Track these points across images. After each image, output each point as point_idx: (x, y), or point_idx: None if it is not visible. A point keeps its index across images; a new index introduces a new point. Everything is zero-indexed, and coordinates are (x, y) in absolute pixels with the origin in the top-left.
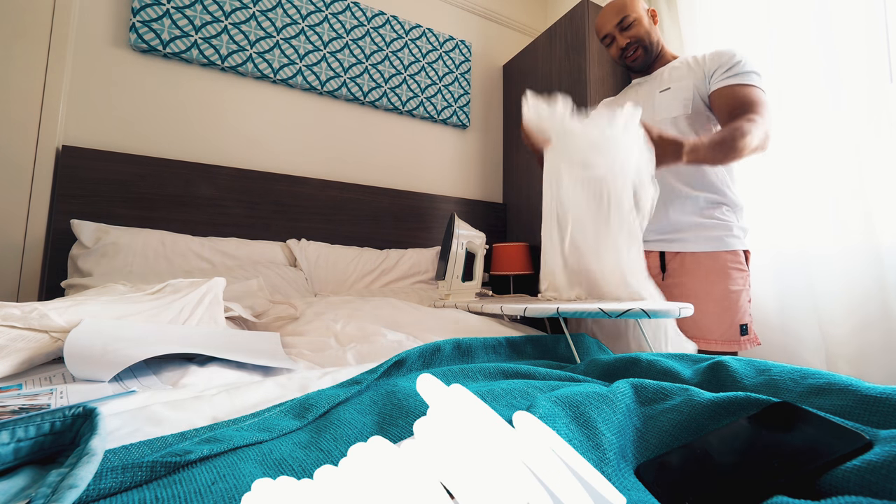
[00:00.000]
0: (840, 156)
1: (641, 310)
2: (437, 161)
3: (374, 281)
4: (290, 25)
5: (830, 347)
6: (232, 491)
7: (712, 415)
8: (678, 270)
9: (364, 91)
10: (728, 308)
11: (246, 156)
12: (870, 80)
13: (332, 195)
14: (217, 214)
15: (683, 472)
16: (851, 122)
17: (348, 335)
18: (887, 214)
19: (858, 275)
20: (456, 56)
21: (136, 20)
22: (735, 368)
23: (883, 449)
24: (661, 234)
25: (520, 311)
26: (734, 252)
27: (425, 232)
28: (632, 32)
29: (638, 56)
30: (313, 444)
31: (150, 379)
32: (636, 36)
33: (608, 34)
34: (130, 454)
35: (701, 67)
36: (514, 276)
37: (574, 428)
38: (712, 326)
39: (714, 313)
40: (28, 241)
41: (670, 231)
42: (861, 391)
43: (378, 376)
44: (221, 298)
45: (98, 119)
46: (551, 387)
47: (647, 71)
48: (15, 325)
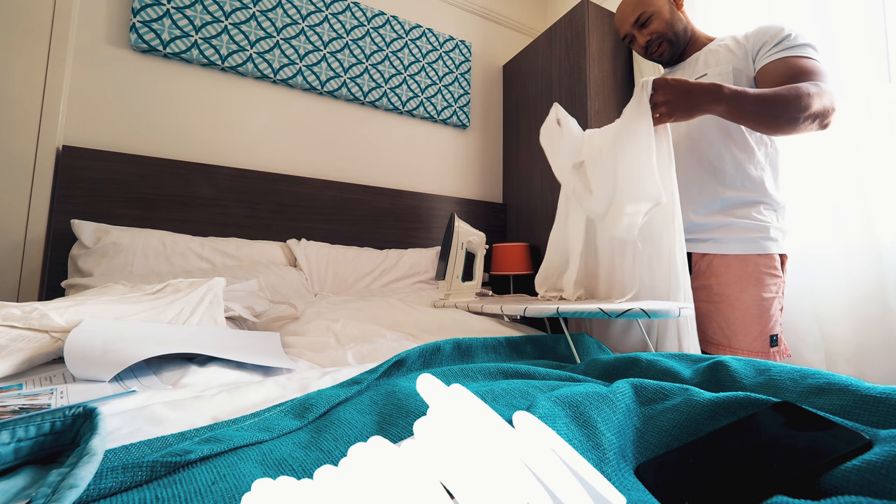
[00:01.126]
0: (840, 156)
1: (641, 310)
2: (438, 161)
3: (374, 281)
4: (290, 25)
5: (830, 346)
6: (232, 491)
7: (712, 415)
8: (705, 272)
9: (364, 91)
10: (758, 316)
11: (246, 156)
12: (869, 81)
13: (332, 195)
14: (217, 214)
15: (683, 472)
16: (851, 122)
17: (348, 335)
18: (887, 214)
19: (858, 274)
20: (456, 56)
21: (136, 20)
22: (735, 368)
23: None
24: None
25: (520, 311)
26: (769, 255)
27: (425, 232)
28: (651, 28)
29: (663, 50)
30: (313, 444)
31: (151, 379)
32: (657, 31)
33: (627, 34)
34: (131, 454)
35: (742, 47)
36: (514, 276)
37: (574, 428)
38: (739, 335)
39: (743, 321)
40: (28, 240)
41: (698, 231)
42: (861, 391)
43: (378, 376)
44: (221, 298)
45: (98, 119)
46: (551, 387)
47: (679, 59)
48: (15, 325)
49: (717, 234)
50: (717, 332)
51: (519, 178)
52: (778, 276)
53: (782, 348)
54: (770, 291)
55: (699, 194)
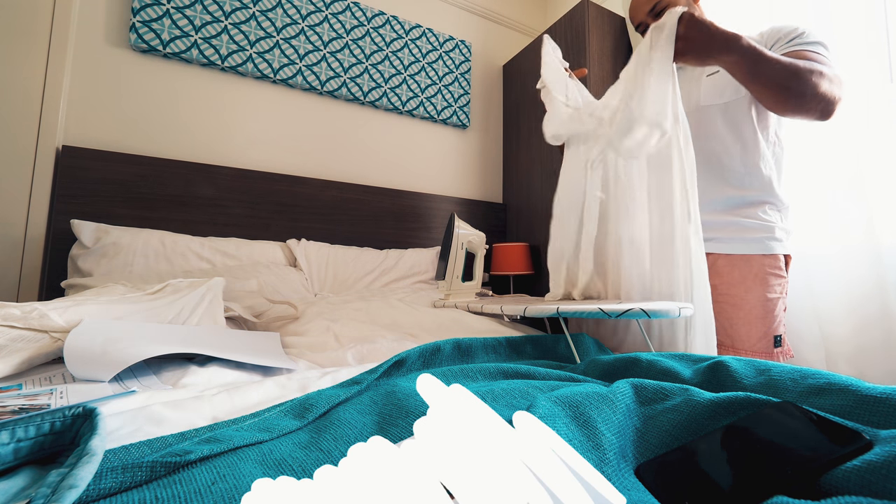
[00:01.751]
0: (839, 155)
1: (641, 310)
2: (438, 161)
3: (374, 281)
4: (290, 25)
5: (830, 346)
6: (232, 491)
7: (712, 415)
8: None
9: (364, 91)
10: (762, 317)
11: (246, 156)
12: (870, 81)
13: (332, 195)
14: (217, 214)
15: (683, 472)
16: (851, 122)
17: (348, 335)
18: (887, 214)
19: (858, 274)
20: (456, 56)
21: (136, 20)
22: (735, 368)
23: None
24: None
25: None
26: (774, 256)
27: (425, 232)
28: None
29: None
30: (313, 444)
31: (150, 379)
32: None
33: (641, 22)
34: (130, 454)
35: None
36: (514, 276)
37: (574, 428)
38: (743, 335)
39: (747, 321)
40: (28, 240)
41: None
42: (861, 391)
43: (378, 376)
44: (221, 298)
45: (98, 119)
46: (551, 387)
47: None
48: (15, 325)
49: (722, 233)
50: (721, 332)
51: (519, 178)
52: (782, 277)
53: (785, 349)
54: (774, 292)
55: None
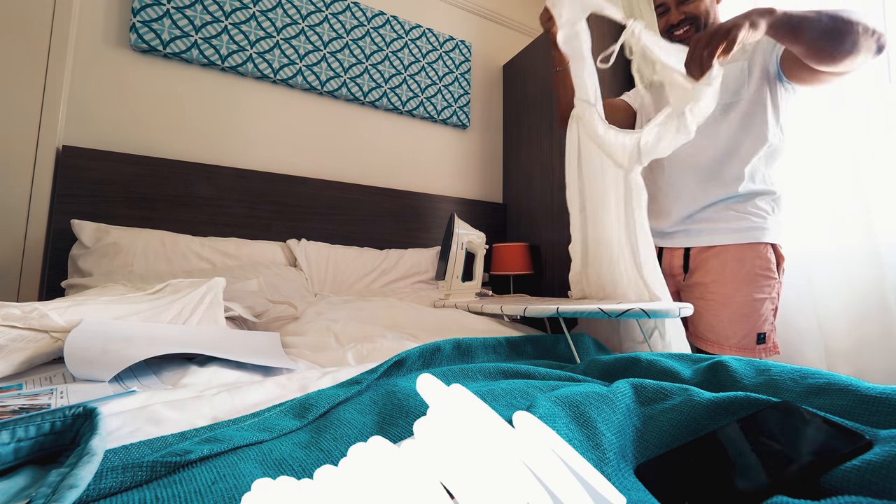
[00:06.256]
0: (839, 155)
1: (641, 310)
2: (437, 161)
3: (374, 281)
4: (290, 25)
5: (829, 344)
6: (232, 491)
7: (712, 415)
8: (701, 269)
9: (364, 91)
10: (748, 315)
11: (246, 156)
12: (869, 81)
13: (332, 195)
14: (217, 214)
15: (683, 472)
16: (851, 122)
17: (348, 335)
18: (886, 214)
19: (857, 273)
20: (456, 56)
21: (136, 20)
22: (735, 368)
23: (883, 449)
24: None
25: (520, 311)
26: (765, 258)
27: (425, 232)
28: (689, 8)
29: (689, 35)
30: (313, 444)
31: (151, 379)
32: (693, 13)
33: (663, 3)
34: (130, 454)
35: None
36: (514, 276)
37: (574, 428)
38: (729, 332)
39: (732, 319)
40: (28, 241)
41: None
42: (861, 391)
43: (378, 376)
44: (221, 298)
45: (98, 119)
46: (551, 387)
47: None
48: (15, 325)
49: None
50: (707, 328)
51: (519, 178)
52: (773, 279)
53: (770, 346)
54: (763, 292)
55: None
